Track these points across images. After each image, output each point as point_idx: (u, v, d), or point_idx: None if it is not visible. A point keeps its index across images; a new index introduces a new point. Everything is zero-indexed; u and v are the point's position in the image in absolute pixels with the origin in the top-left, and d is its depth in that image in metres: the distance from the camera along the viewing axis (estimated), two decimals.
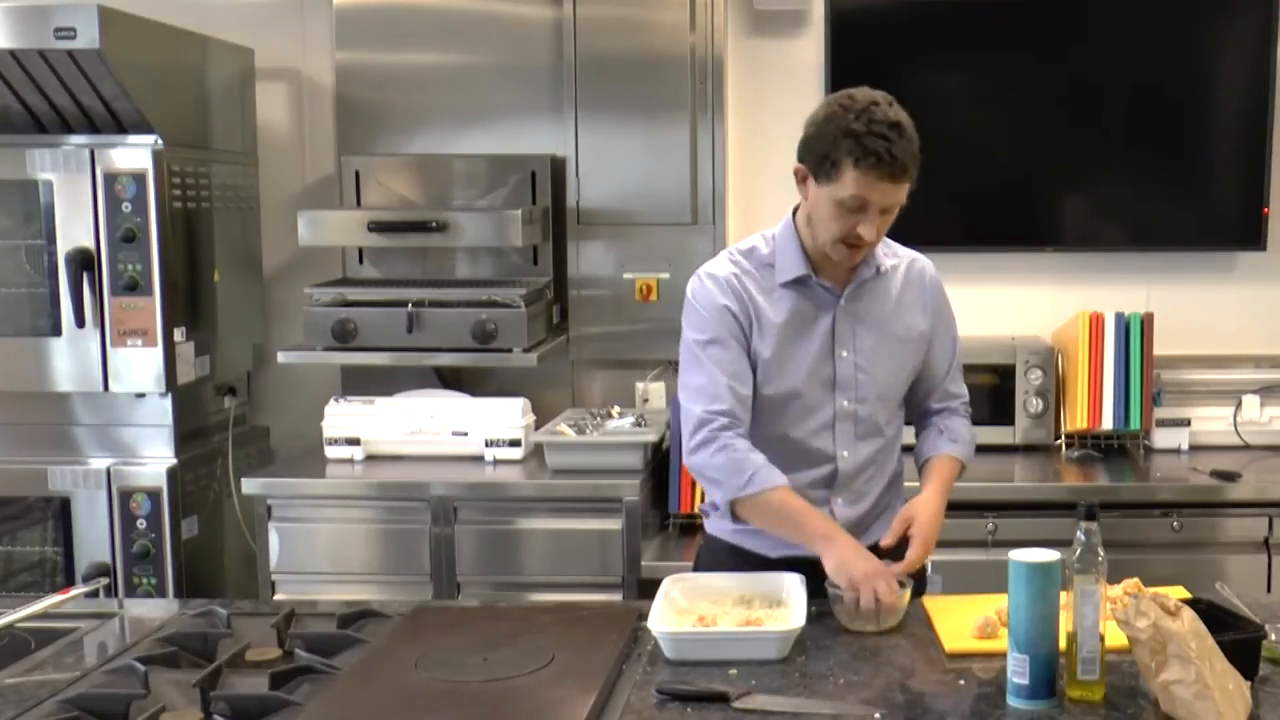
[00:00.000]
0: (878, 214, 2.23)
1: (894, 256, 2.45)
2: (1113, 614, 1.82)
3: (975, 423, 2.54)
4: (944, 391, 2.51)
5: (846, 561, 2.19)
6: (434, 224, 3.56)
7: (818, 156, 2.23)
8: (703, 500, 2.52)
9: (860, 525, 2.40)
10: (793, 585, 2.23)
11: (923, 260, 2.49)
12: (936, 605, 2.27)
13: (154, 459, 3.53)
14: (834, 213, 2.24)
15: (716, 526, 2.46)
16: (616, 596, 3.28)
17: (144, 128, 3.43)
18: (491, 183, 3.81)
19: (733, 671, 1.97)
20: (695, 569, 2.51)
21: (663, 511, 3.53)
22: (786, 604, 2.18)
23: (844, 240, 2.26)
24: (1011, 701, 1.86)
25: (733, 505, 2.29)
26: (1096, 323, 3.64)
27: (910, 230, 4.19)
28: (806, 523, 2.26)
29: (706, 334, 2.34)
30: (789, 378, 2.34)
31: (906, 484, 2.53)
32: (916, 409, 2.54)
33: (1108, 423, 3.64)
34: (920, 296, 2.44)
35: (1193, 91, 3.86)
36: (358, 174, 3.82)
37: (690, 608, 2.20)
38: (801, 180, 2.29)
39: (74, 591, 2.37)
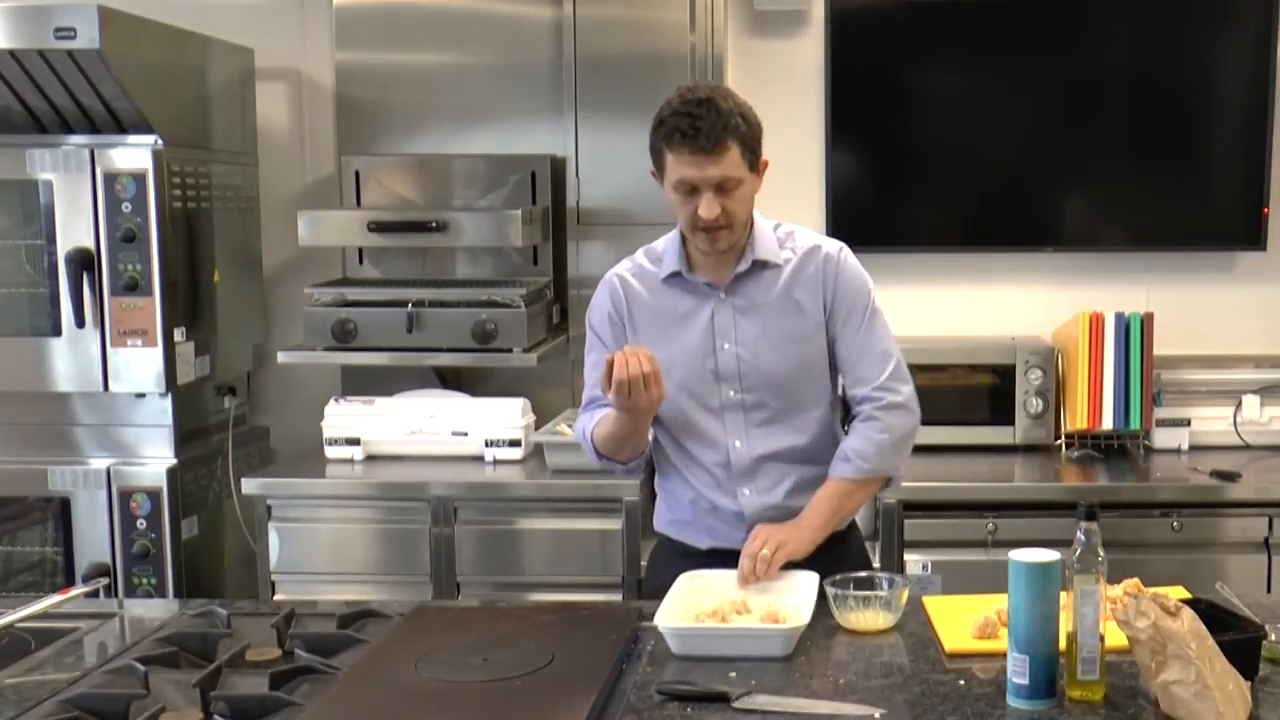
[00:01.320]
0: (712, 193, 2.26)
1: (791, 249, 2.43)
2: (1113, 614, 1.82)
3: (975, 423, 2.51)
4: (856, 376, 2.42)
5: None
6: (434, 224, 3.56)
7: (650, 152, 2.34)
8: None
9: (774, 516, 2.39)
10: (804, 582, 2.24)
11: (828, 247, 2.44)
12: (936, 605, 2.27)
13: (154, 459, 3.53)
14: (677, 201, 2.32)
15: (658, 521, 2.58)
16: (616, 596, 3.28)
17: (144, 128, 3.43)
18: (491, 183, 3.81)
19: (733, 675, 1.96)
20: (649, 566, 2.64)
21: None
22: (797, 599, 2.19)
23: (696, 227, 2.31)
24: (1011, 701, 1.86)
25: (597, 452, 2.46)
26: (1096, 323, 3.64)
27: (911, 230, 4.22)
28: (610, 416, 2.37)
29: (590, 341, 2.52)
30: (674, 369, 2.39)
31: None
32: (847, 399, 2.49)
33: (1108, 423, 3.63)
34: (813, 283, 2.40)
35: (1193, 91, 3.86)
36: (358, 174, 3.82)
37: (702, 603, 2.20)
38: (658, 181, 2.36)
39: (74, 591, 2.37)
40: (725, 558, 2.38)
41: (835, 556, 2.39)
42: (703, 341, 2.41)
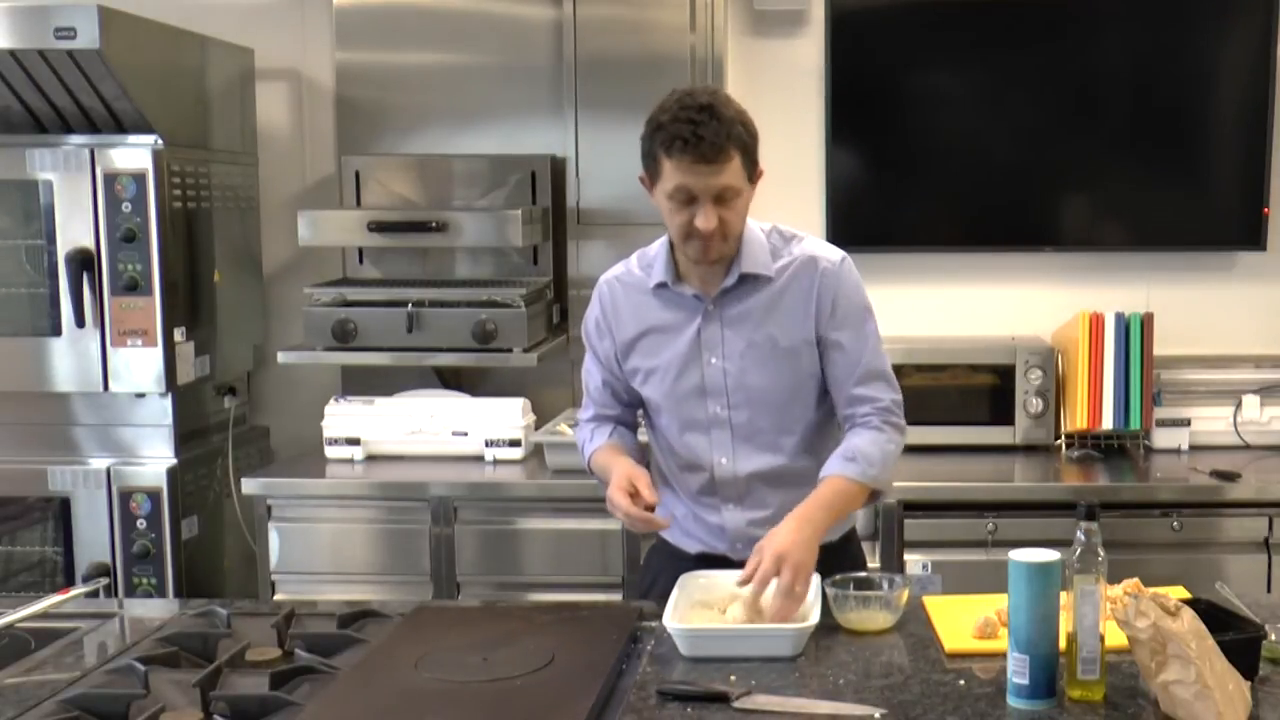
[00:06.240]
0: (710, 203, 2.19)
1: (788, 257, 2.33)
2: (1113, 614, 1.82)
3: (975, 423, 2.48)
4: (851, 396, 2.33)
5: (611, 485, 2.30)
6: (434, 224, 3.56)
7: (644, 157, 2.26)
8: None
9: (756, 535, 2.27)
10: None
11: (825, 259, 2.33)
12: (936, 605, 2.27)
13: (154, 459, 3.53)
14: (670, 209, 2.24)
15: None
16: (616, 596, 3.28)
17: (144, 128, 3.43)
18: (491, 183, 3.81)
19: (733, 678, 1.96)
20: (643, 564, 2.63)
21: None
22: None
23: (689, 236, 2.23)
24: (1011, 701, 1.86)
25: (596, 475, 2.47)
26: (1096, 323, 3.64)
27: (911, 230, 4.22)
28: (609, 470, 2.35)
29: (587, 345, 2.50)
30: (659, 380, 2.37)
31: None
32: (839, 418, 2.39)
33: (1108, 423, 3.63)
34: (804, 300, 2.31)
35: (1193, 91, 3.86)
36: (358, 174, 3.82)
37: (709, 603, 2.21)
38: (647, 188, 2.29)
39: (74, 591, 2.38)
40: (713, 562, 2.37)
41: (834, 565, 2.31)
42: (689, 355, 2.34)
